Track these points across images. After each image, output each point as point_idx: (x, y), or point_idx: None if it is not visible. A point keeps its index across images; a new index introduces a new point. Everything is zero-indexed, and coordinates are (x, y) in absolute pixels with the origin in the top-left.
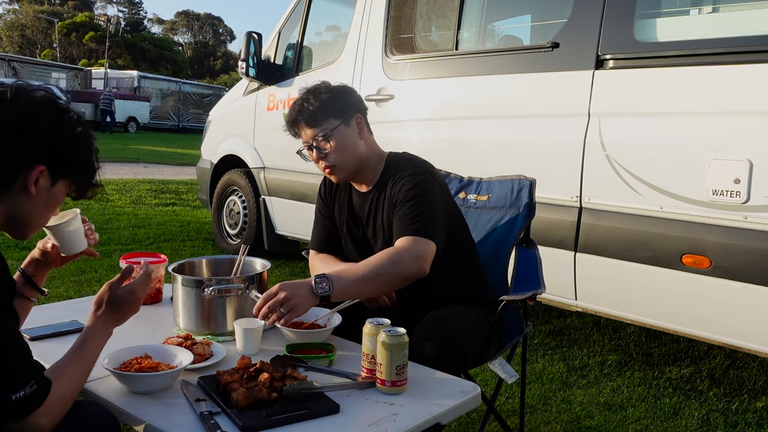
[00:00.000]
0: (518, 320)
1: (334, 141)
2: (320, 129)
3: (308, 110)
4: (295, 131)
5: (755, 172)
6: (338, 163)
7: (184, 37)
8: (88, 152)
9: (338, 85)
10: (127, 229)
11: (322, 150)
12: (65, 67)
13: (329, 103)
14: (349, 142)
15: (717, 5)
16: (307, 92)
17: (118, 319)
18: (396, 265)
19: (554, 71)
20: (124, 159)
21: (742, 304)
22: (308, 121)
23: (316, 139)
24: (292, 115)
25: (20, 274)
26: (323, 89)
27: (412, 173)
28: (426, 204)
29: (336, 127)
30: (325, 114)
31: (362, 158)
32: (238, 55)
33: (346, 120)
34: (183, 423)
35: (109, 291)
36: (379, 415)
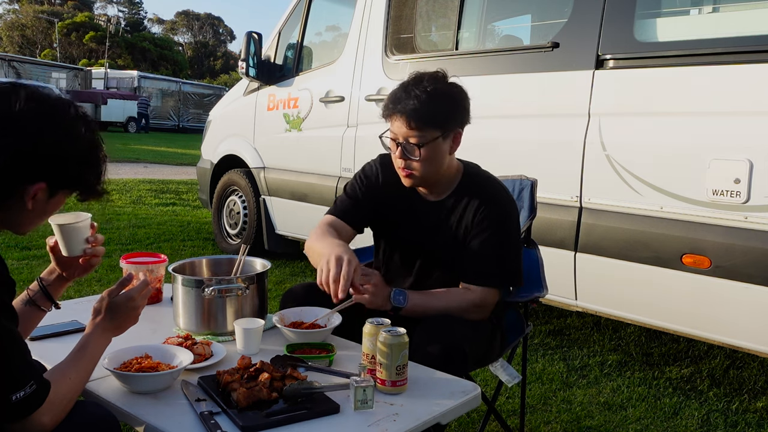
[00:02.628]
0: (519, 321)
1: (425, 151)
2: (418, 134)
3: (415, 109)
4: (389, 115)
5: (755, 172)
6: (417, 172)
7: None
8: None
9: (456, 88)
10: (127, 229)
11: (409, 154)
12: (65, 67)
13: (439, 111)
14: (439, 157)
15: (717, 5)
16: (422, 85)
17: (116, 327)
18: (463, 312)
19: (554, 71)
20: (124, 159)
21: (742, 304)
22: (410, 121)
23: (407, 140)
24: (396, 105)
25: (38, 283)
26: (441, 91)
27: (502, 205)
28: (511, 247)
29: (434, 139)
30: (430, 121)
31: (443, 172)
32: (238, 55)
33: (446, 134)
34: (183, 423)
35: (107, 298)
36: (379, 415)
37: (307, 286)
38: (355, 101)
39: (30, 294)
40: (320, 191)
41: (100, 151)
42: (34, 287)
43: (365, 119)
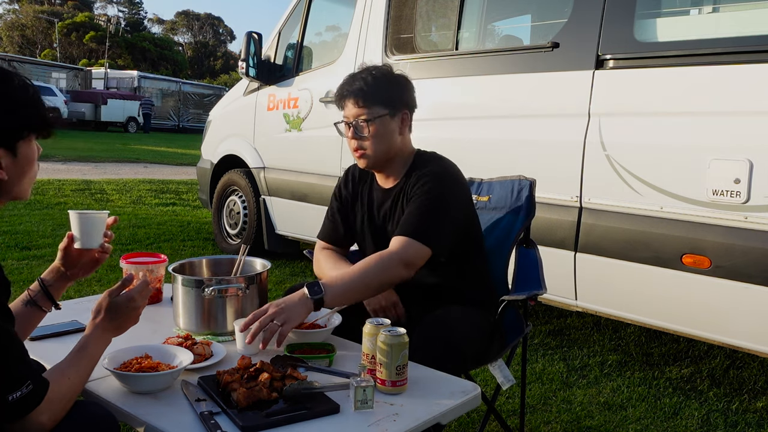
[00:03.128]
0: (518, 320)
1: (374, 128)
2: (366, 111)
3: (362, 89)
4: (341, 103)
5: (755, 172)
6: (369, 150)
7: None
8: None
9: (400, 75)
10: (127, 229)
11: (359, 132)
12: (65, 67)
13: (384, 90)
14: (388, 134)
15: (717, 5)
16: (367, 70)
17: (117, 327)
18: (384, 272)
19: (554, 71)
20: (124, 159)
21: (742, 304)
22: (357, 100)
23: (357, 119)
24: (344, 88)
25: (38, 283)
26: (383, 73)
27: (436, 173)
28: (436, 209)
29: (382, 115)
30: (376, 99)
31: (394, 152)
32: (238, 55)
33: (393, 112)
34: (183, 423)
35: (108, 298)
36: (379, 415)
37: None
38: None
39: (30, 294)
40: (320, 191)
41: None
42: (35, 287)
43: None
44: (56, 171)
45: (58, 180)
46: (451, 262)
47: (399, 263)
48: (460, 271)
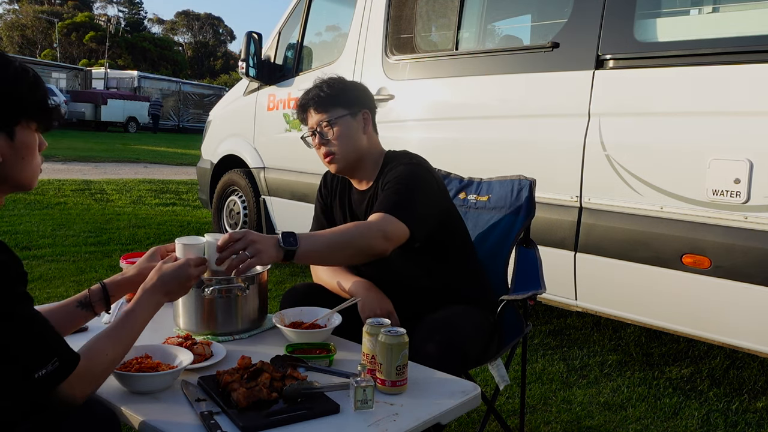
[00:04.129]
0: (518, 320)
1: (338, 129)
2: (327, 115)
3: (319, 96)
4: (303, 117)
5: (755, 172)
6: (338, 152)
7: (184, 37)
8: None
9: (352, 81)
10: (127, 229)
11: (324, 136)
12: (65, 67)
13: (340, 93)
14: (352, 133)
15: (717, 5)
16: (322, 81)
17: (167, 292)
18: (362, 239)
19: (554, 71)
20: (124, 159)
21: (742, 304)
22: (317, 107)
23: (320, 125)
24: (303, 99)
25: (100, 287)
26: (337, 80)
27: (406, 163)
28: (411, 191)
29: (342, 116)
30: (334, 102)
31: (362, 152)
32: (238, 55)
33: (353, 112)
34: (183, 423)
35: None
36: (379, 415)
37: (308, 286)
38: None
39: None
40: None
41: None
42: (96, 290)
43: None
44: (56, 171)
45: (58, 180)
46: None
47: (378, 233)
48: (454, 270)
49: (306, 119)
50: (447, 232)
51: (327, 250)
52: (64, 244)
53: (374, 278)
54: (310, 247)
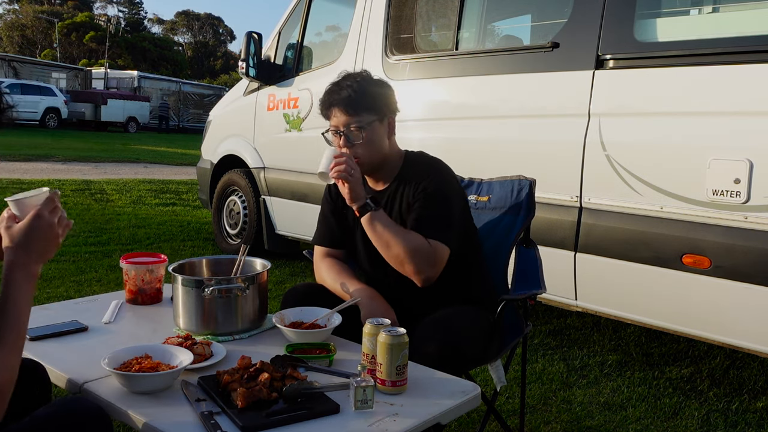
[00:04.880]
0: (518, 320)
1: (366, 134)
2: (356, 119)
3: (350, 96)
4: (327, 113)
5: (755, 172)
6: (363, 156)
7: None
8: None
9: (381, 80)
10: (127, 229)
11: (351, 139)
12: (65, 67)
13: (371, 97)
14: (378, 138)
15: (717, 5)
16: (351, 78)
17: (39, 256)
18: (415, 257)
19: (554, 71)
20: (124, 159)
21: (742, 304)
22: (347, 109)
23: (348, 128)
24: (332, 97)
25: None
26: (369, 81)
27: (437, 176)
28: (448, 207)
29: (371, 121)
30: (366, 107)
31: (385, 156)
32: (238, 55)
33: (381, 118)
34: (183, 423)
35: (5, 231)
36: (379, 415)
37: (308, 286)
38: None
39: None
40: (320, 191)
41: None
42: None
43: None
44: (56, 171)
45: (58, 180)
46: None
47: (430, 261)
48: (459, 271)
49: (329, 116)
50: (465, 238)
51: (388, 235)
52: (64, 244)
53: (379, 279)
54: (380, 220)
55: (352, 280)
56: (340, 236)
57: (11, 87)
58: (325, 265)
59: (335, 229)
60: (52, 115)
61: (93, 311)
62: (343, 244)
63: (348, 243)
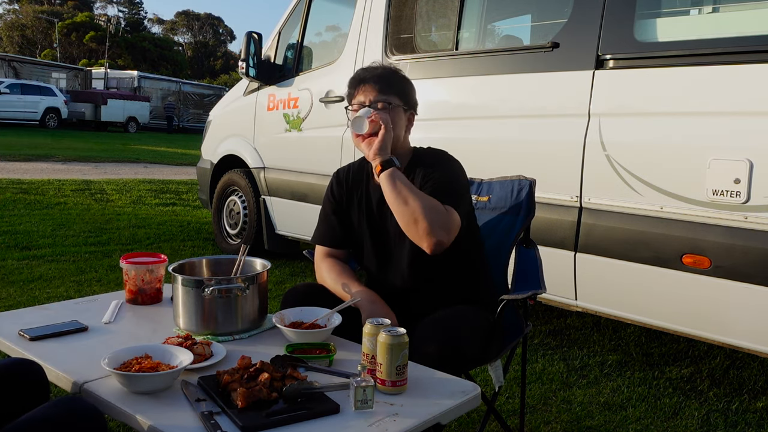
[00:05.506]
0: (518, 320)
1: (391, 114)
2: (385, 97)
3: (386, 77)
4: (354, 91)
5: (755, 172)
6: None
7: (184, 37)
8: None
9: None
10: (127, 229)
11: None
12: (65, 67)
13: (401, 83)
14: (400, 125)
15: (717, 5)
16: (388, 67)
17: None
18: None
19: (554, 71)
20: (124, 159)
21: (742, 304)
22: (381, 86)
23: (375, 103)
24: (368, 73)
25: None
26: (397, 71)
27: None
28: (460, 184)
29: (398, 105)
30: (397, 90)
31: (399, 146)
32: (238, 55)
33: (406, 108)
34: (183, 423)
35: None
36: (379, 415)
37: (308, 286)
38: None
39: None
40: (320, 191)
41: None
42: None
43: None
44: (56, 171)
45: (58, 180)
46: (452, 261)
47: (445, 224)
48: (461, 270)
49: (356, 94)
50: (468, 232)
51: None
52: (64, 244)
53: (382, 279)
54: (401, 178)
55: (354, 282)
56: (341, 236)
57: (11, 87)
58: (325, 265)
59: (337, 228)
60: (52, 115)
61: (93, 311)
62: (344, 244)
63: (350, 243)
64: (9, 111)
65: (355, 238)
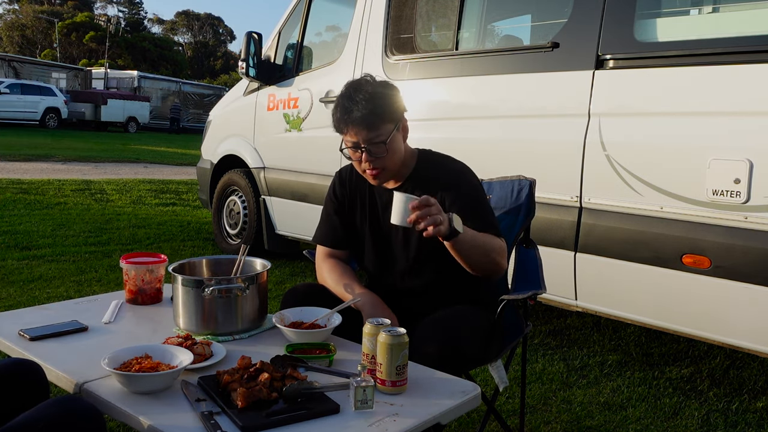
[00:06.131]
0: (518, 320)
1: (388, 146)
2: (376, 134)
3: (366, 115)
4: (342, 130)
5: (755, 172)
6: (387, 167)
7: (184, 37)
8: None
9: (387, 84)
10: (127, 229)
11: (374, 154)
12: (65, 67)
13: (384, 107)
14: (398, 146)
15: (717, 5)
16: (360, 90)
17: None
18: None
19: (554, 71)
20: (124, 159)
21: (742, 304)
22: (366, 125)
23: (369, 143)
24: (346, 116)
25: None
26: (378, 90)
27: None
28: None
29: (390, 132)
30: (383, 119)
31: (403, 159)
32: (238, 55)
33: (397, 125)
34: (183, 423)
35: None
36: (379, 415)
37: (308, 286)
38: None
39: None
40: (320, 191)
41: None
42: None
43: None
44: (56, 171)
45: (58, 180)
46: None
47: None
48: (462, 271)
49: (348, 131)
50: None
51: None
52: (64, 244)
53: (383, 282)
54: (468, 238)
55: (355, 284)
56: (342, 236)
57: (11, 87)
58: (327, 266)
59: (338, 229)
60: (52, 115)
61: (93, 311)
62: (345, 245)
63: (351, 243)
64: (9, 111)
65: (356, 238)
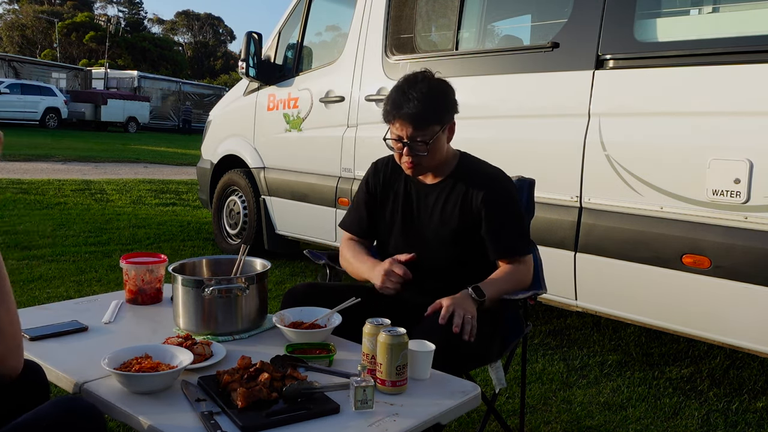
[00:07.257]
0: (518, 320)
1: (432, 146)
2: (423, 132)
3: (417, 114)
4: (390, 119)
5: (755, 172)
6: (426, 164)
7: (184, 37)
8: None
9: (445, 84)
10: (127, 229)
11: (417, 151)
12: (65, 67)
13: (437, 108)
14: (441, 147)
15: (717, 5)
16: (417, 87)
17: None
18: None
19: (554, 71)
20: (124, 159)
21: (742, 304)
22: (414, 122)
23: (413, 140)
24: (398, 109)
25: None
26: (435, 88)
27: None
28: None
29: (437, 133)
30: (431, 119)
31: (444, 158)
32: (238, 55)
33: (444, 126)
34: (183, 423)
35: None
36: (379, 415)
37: (308, 286)
38: (355, 101)
39: None
40: (320, 191)
41: None
42: None
43: (365, 119)
44: (56, 171)
45: (58, 180)
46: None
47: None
48: (462, 272)
49: (394, 123)
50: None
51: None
52: (64, 244)
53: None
54: (494, 294)
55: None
56: (367, 228)
57: (11, 87)
58: (347, 246)
59: (364, 220)
60: (52, 115)
61: (93, 311)
62: (369, 236)
63: (375, 235)
64: (9, 111)
65: (383, 230)
